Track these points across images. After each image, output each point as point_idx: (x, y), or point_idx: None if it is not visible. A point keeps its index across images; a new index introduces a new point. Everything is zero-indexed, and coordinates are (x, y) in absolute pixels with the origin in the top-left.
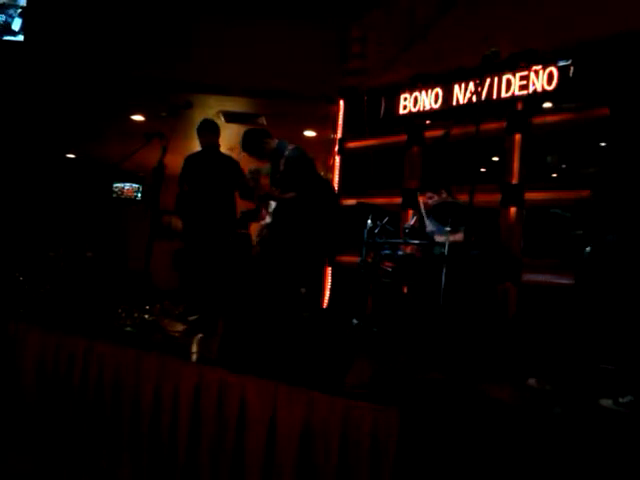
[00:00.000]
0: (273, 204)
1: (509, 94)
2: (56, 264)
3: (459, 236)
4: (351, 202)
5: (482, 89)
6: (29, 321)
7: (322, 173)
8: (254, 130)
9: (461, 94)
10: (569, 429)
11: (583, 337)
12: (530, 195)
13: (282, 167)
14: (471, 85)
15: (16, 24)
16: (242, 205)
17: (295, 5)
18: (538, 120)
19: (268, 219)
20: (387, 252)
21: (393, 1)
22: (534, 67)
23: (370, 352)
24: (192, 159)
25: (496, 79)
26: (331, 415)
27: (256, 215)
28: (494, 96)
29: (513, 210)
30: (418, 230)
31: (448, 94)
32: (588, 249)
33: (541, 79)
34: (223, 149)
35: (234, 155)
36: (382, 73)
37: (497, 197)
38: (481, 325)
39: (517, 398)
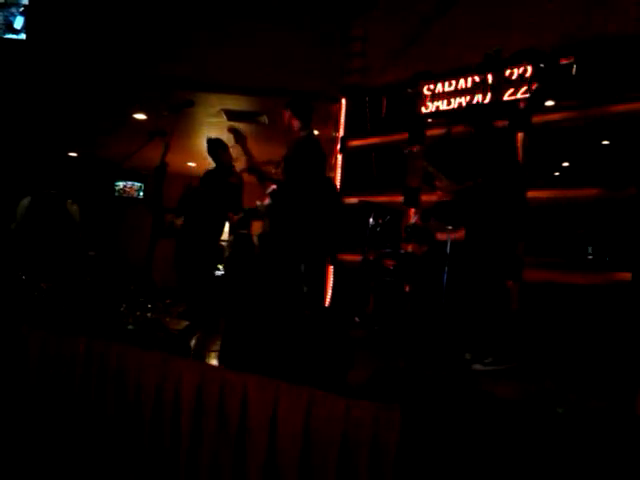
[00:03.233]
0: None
1: (511, 92)
2: (58, 263)
3: (460, 234)
4: (353, 200)
5: (484, 87)
6: (31, 320)
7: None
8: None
9: (463, 92)
10: (572, 428)
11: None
12: (531, 194)
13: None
14: (473, 83)
15: (18, 22)
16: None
17: (296, 4)
18: (540, 119)
19: (267, 201)
20: (389, 250)
21: (394, 0)
22: (536, 65)
23: (372, 350)
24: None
25: (498, 77)
26: (332, 414)
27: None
28: (496, 94)
29: None
30: (420, 229)
31: (449, 92)
32: None
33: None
34: None
35: (233, 154)
36: (384, 71)
37: None
38: (483, 323)
39: (520, 396)
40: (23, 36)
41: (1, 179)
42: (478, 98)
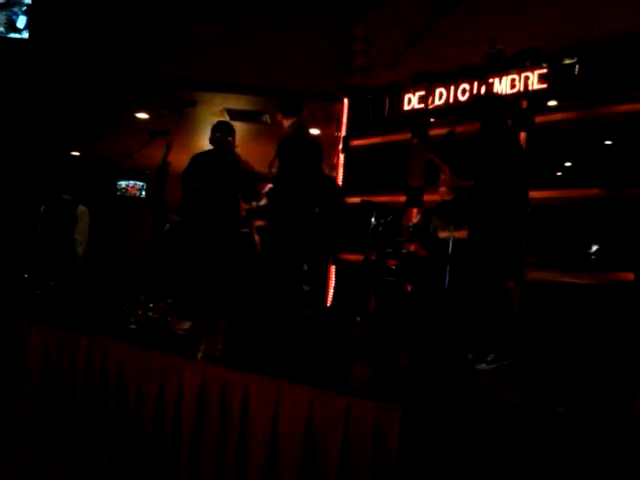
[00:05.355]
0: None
1: (513, 91)
2: (60, 262)
3: (462, 234)
4: (355, 200)
5: (486, 87)
6: (33, 319)
7: (326, 171)
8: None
9: (465, 92)
10: (572, 428)
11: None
12: (534, 194)
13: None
14: (475, 83)
15: (21, 22)
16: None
17: (298, 4)
18: (543, 118)
19: (263, 201)
20: (391, 250)
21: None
22: (539, 65)
23: (373, 350)
24: (200, 158)
25: (500, 76)
26: (334, 413)
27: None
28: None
29: None
30: (422, 228)
31: (452, 92)
32: None
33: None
34: None
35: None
36: (386, 71)
37: None
38: (485, 323)
39: (521, 397)
40: (26, 35)
41: (4, 178)
42: (480, 97)
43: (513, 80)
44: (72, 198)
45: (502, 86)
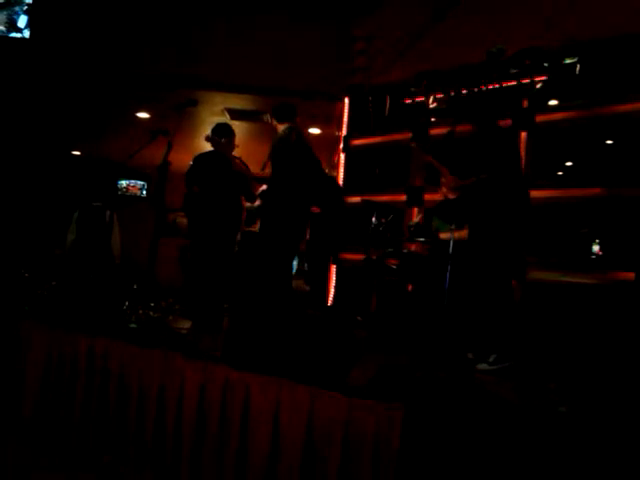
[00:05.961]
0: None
1: (514, 90)
2: (61, 261)
3: (464, 233)
4: (356, 200)
5: (486, 86)
6: (34, 318)
7: (327, 170)
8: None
9: (466, 91)
10: (574, 428)
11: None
12: (535, 193)
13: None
14: (475, 82)
15: (22, 21)
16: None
17: (300, 3)
18: (544, 118)
19: (257, 202)
20: (391, 250)
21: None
22: (539, 64)
23: (374, 350)
24: (200, 160)
25: (500, 76)
26: (335, 413)
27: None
28: (499, 93)
29: None
30: (423, 228)
31: (452, 92)
32: None
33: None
34: None
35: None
36: (387, 70)
37: None
38: (487, 323)
39: (521, 396)
40: (27, 34)
41: (4, 178)
42: (481, 97)
43: (513, 80)
44: (102, 205)
45: (502, 85)
